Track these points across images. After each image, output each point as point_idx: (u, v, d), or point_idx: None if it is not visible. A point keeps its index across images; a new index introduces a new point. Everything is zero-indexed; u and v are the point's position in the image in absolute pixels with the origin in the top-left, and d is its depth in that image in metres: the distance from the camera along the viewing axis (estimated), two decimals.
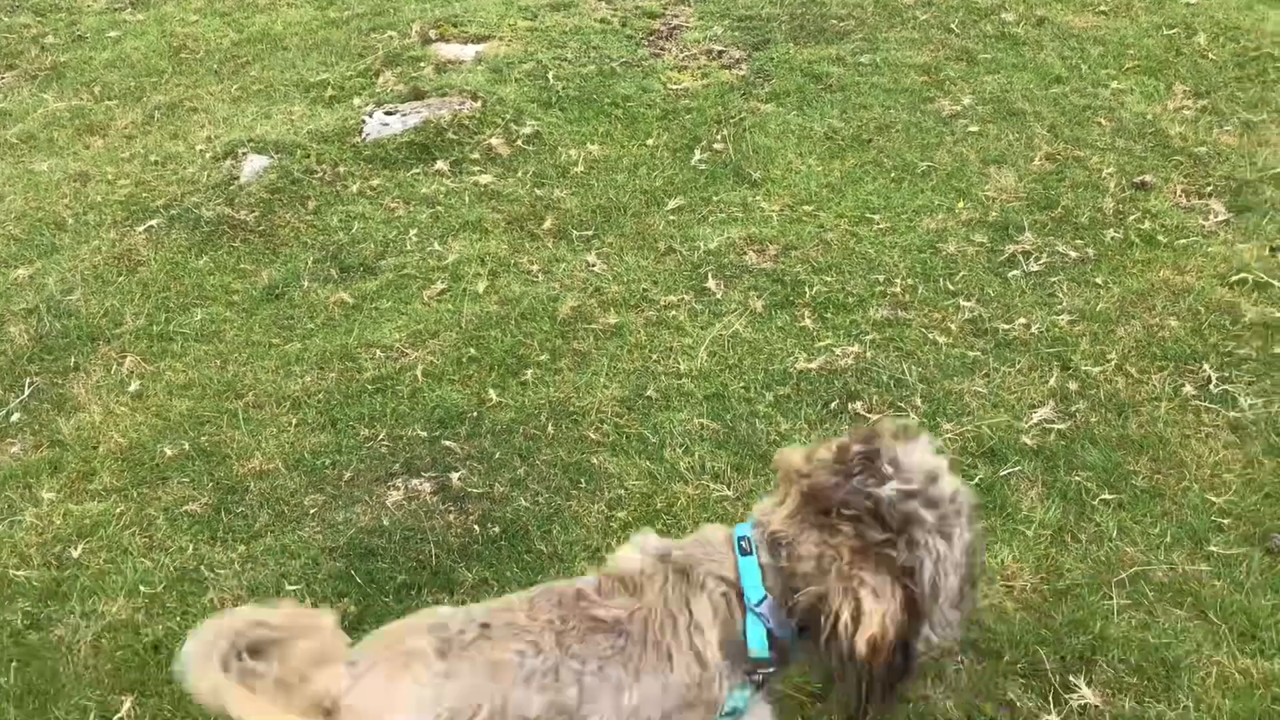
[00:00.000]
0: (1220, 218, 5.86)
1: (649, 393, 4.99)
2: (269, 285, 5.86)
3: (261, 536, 4.35)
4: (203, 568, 4.19)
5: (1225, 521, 4.15)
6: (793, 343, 5.27)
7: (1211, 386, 4.79)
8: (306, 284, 5.85)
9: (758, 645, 2.60)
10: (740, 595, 2.63)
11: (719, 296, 5.60)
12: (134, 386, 5.19)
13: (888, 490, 2.44)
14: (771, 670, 2.65)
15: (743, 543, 2.68)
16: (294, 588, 4.07)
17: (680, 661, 2.60)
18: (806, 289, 5.59)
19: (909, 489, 2.45)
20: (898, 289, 5.56)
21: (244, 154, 6.85)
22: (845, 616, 2.41)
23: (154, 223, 6.40)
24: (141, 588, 4.11)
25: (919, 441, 2.58)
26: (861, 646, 2.40)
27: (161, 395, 5.12)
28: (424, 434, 4.82)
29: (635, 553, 2.79)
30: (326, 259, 6.03)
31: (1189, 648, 3.69)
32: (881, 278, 5.65)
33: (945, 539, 2.47)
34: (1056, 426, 4.63)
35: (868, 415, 4.77)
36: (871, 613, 2.41)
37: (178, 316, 5.68)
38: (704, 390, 4.99)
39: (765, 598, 2.60)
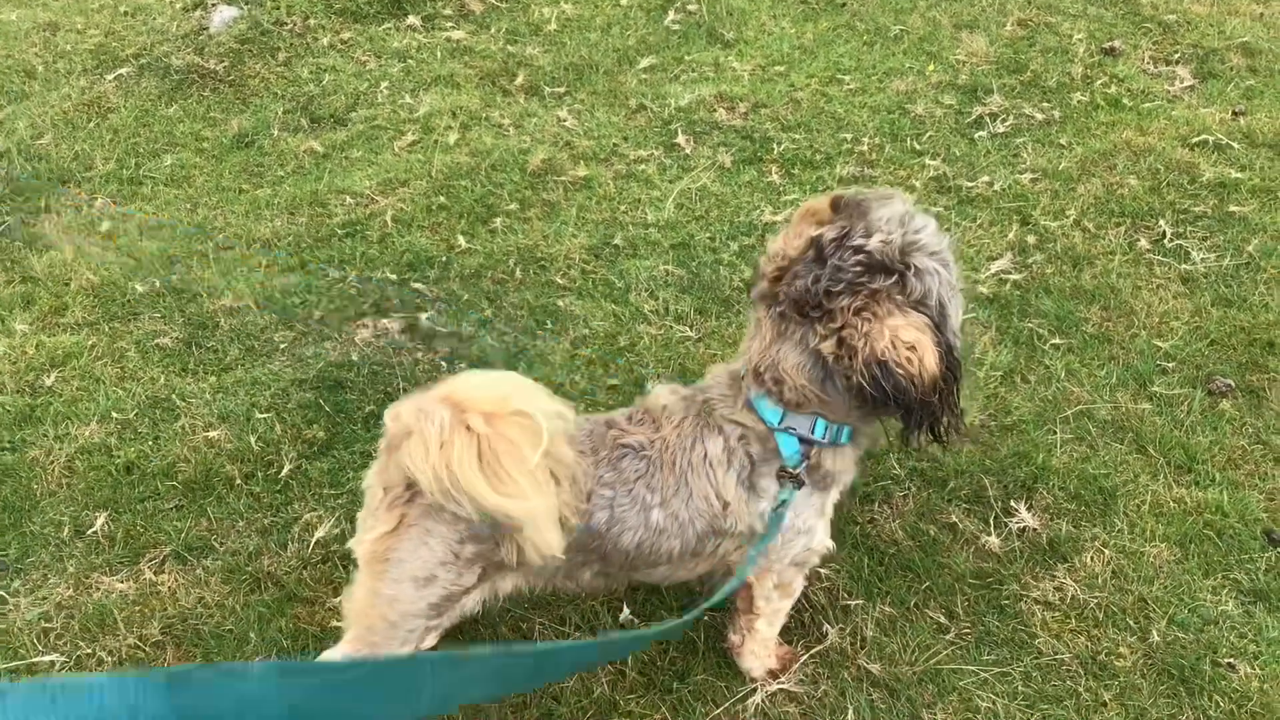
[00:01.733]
0: (1185, 83, 5.92)
1: (616, 241, 5.05)
2: (239, 133, 5.86)
3: (232, 369, 4.43)
4: (174, 396, 4.27)
5: (1170, 365, 4.28)
6: (759, 197, 5.33)
7: (1166, 241, 4.90)
8: (276, 133, 5.85)
9: (790, 453, 2.74)
10: (757, 434, 2.77)
11: (688, 152, 5.64)
12: (105, 226, 5.22)
13: (875, 243, 2.50)
14: (807, 465, 2.76)
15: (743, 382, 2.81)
16: (264, 416, 4.17)
17: (699, 491, 2.77)
18: (775, 146, 5.64)
19: (894, 234, 2.52)
20: (865, 148, 5.62)
21: (213, 5, 6.79)
22: (896, 354, 2.48)
23: (124, 71, 6.37)
24: (114, 414, 4.20)
25: (888, 197, 2.63)
26: (920, 372, 2.49)
27: (132, 235, 5.15)
28: (393, 277, 4.88)
29: (666, 392, 2.94)
30: (297, 109, 6.03)
31: (1127, 478, 3.84)
32: (849, 136, 5.70)
33: (941, 263, 2.57)
34: (1013, 277, 4.74)
35: None
36: (916, 342, 2.49)
37: (147, 162, 5.68)
38: (670, 239, 5.06)
39: (784, 414, 2.73)
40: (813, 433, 2.72)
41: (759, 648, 3.21)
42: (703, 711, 3.17)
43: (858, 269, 2.50)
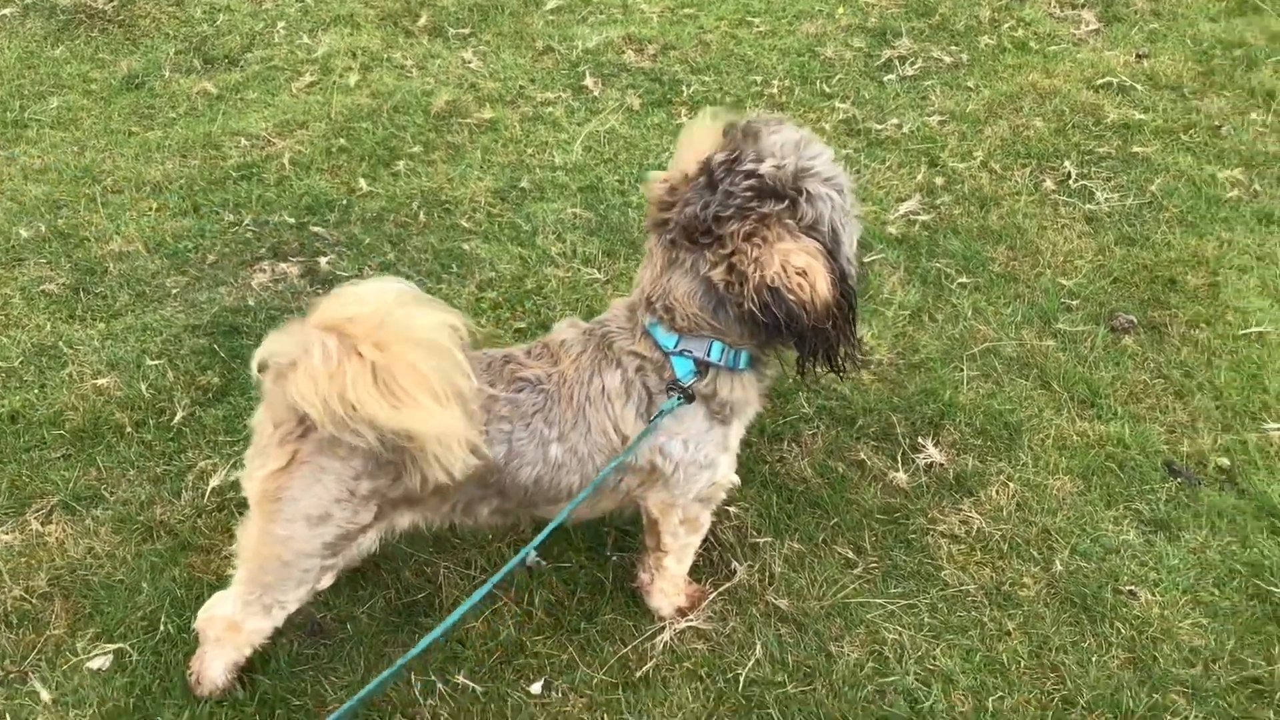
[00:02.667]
0: (1090, 27, 5.95)
1: (523, 184, 4.95)
2: (128, 75, 5.64)
3: (122, 315, 4.26)
4: (61, 344, 4.10)
5: (1074, 303, 4.31)
6: (668, 139, 5.26)
7: (1071, 182, 4.93)
8: (168, 74, 5.63)
9: (684, 371, 2.67)
10: (654, 363, 2.71)
11: (596, 94, 5.54)
12: None
13: (767, 168, 2.45)
14: (701, 387, 2.69)
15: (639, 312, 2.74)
16: (155, 362, 4.02)
17: (597, 425, 2.70)
18: (684, 88, 5.56)
19: (787, 159, 2.47)
20: (775, 90, 5.57)
21: None
22: (787, 280, 2.44)
23: (7, 11, 6.09)
24: None
25: (781, 124, 2.58)
26: (812, 298, 2.45)
27: (16, 179, 4.93)
28: (291, 220, 4.73)
29: (566, 326, 2.87)
30: (189, 50, 5.81)
31: (1031, 413, 3.86)
32: (759, 79, 5.64)
33: (835, 189, 2.53)
34: (921, 218, 4.73)
35: None
36: (807, 267, 2.45)
37: (32, 104, 5.44)
38: (578, 182, 4.97)
39: (679, 339, 2.67)
40: (709, 355, 2.67)
41: (668, 585, 3.17)
42: (610, 650, 3.13)
43: (748, 194, 2.45)
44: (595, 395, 2.70)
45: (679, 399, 2.66)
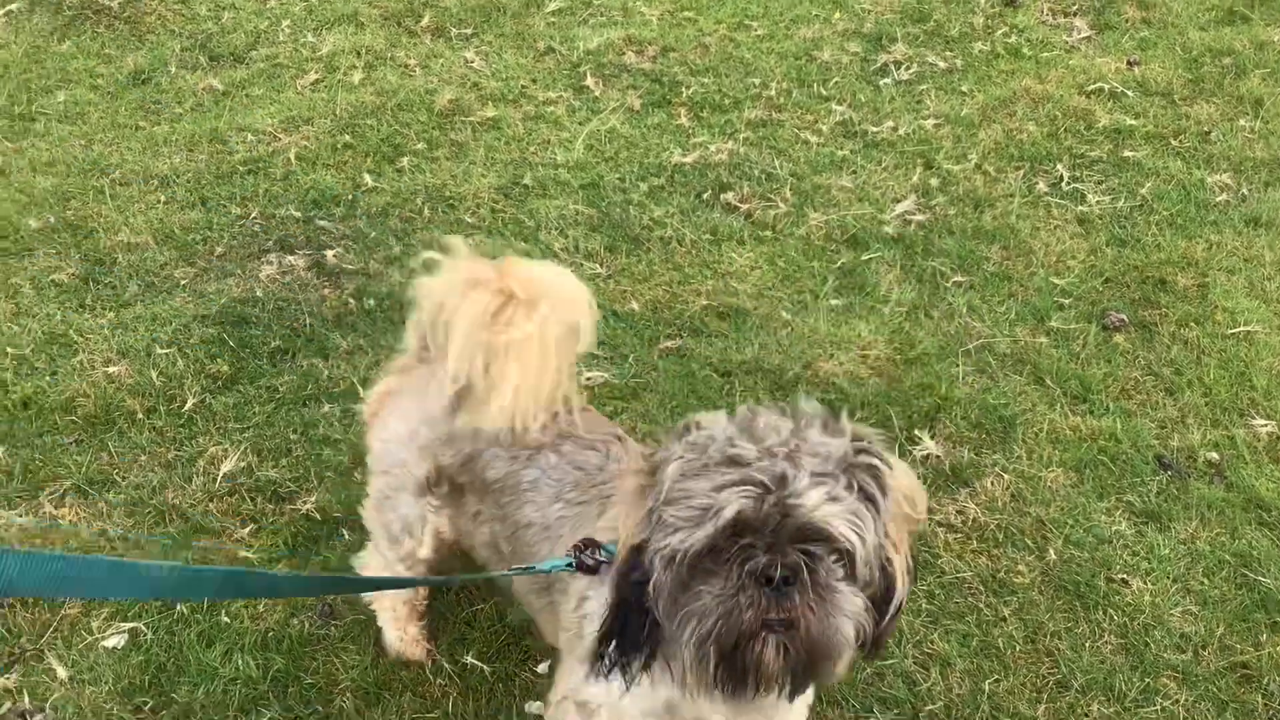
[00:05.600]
0: (1082, 34, 6.06)
1: (526, 181, 5.03)
2: (134, 71, 5.69)
3: (131, 305, 4.32)
4: (71, 332, 4.16)
5: (1067, 301, 4.41)
6: (668, 139, 5.34)
7: (1063, 184, 5.03)
8: (174, 70, 5.69)
9: None
10: None
11: (597, 94, 5.62)
12: None
13: None
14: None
15: None
16: (165, 351, 4.08)
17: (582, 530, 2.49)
18: (683, 89, 5.65)
19: None
20: (773, 92, 5.65)
21: None
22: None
23: (14, 7, 6.13)
24: (9, 349, 4.07)
25: None
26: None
27: (25, 171, 4.99)
28: (298, 214, 4.80)
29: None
30: (195, 47, 5.87)
31: (1025, 407, 3.96)
32: (757, 81, 5.73)
33: None
34: (916, 218, 4.82)
35: (739, 205, 4.89)
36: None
37: (40, 98, 5.49)
38: (580, 180, 5.05)
39: None
40: None
41: None
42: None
43: None
44: (606, 508, 2.47)
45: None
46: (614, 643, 2.10)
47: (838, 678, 1.99)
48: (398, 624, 3.11)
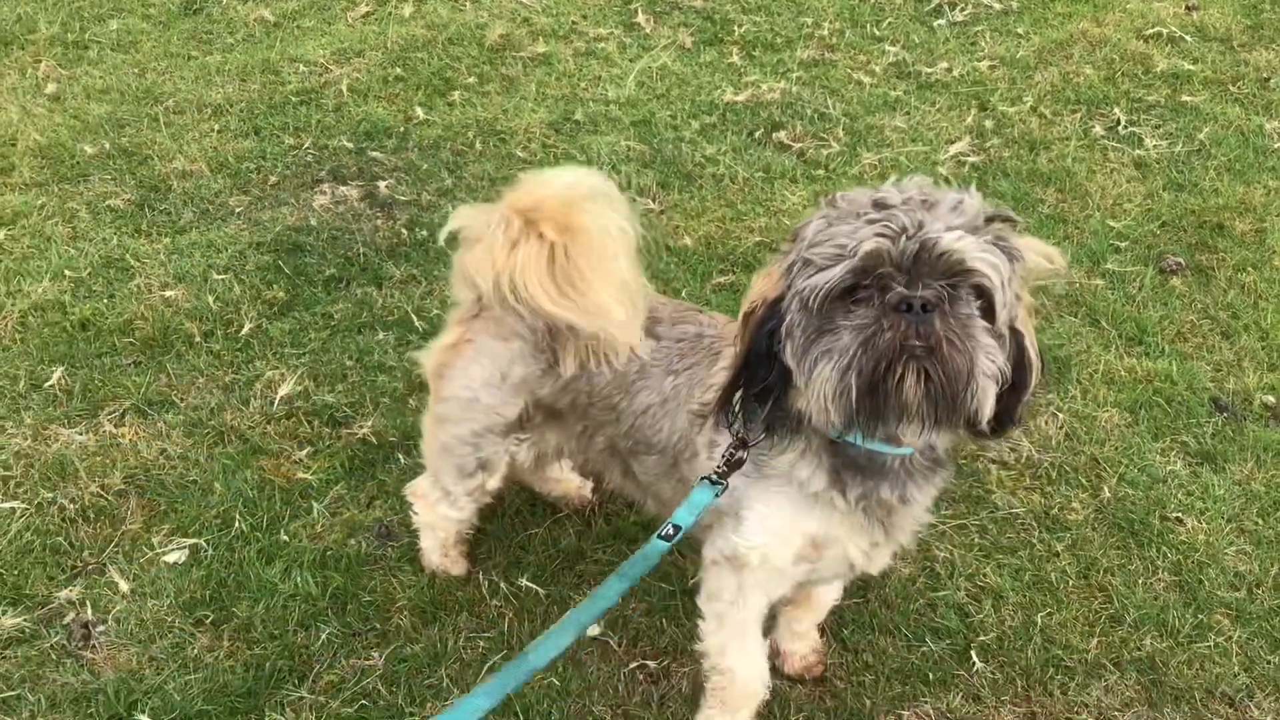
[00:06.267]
0: None
1: (577, 117, 5.01)
2: (186, 1, 5.70)
3: (186, 231, 4.35)
4: (128, 256, 4.20)
5: (1123, 244, 4.37)
6: (720, 77, 5.31)
7: (1120, 128, 4.97)
8: (225, 1, 5.70)
9: None
10: None
11: (648, 31, 5.59)
12: (51, 89, 5.08)
13: None
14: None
15: None
16: (221, 277, 4.11)
17: (698, 386, 2.55)
18: (735, 28, 5.61)
19: None
20: (825, 32, 5.60)
21: None
22: None
23: None
24: (66, 272, 4.12)
25: None
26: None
27: (79, 98, 5.02)
28: (350, 145, 4.81)
29: None
30: None
31: (1080, 348, 3.93)
32: (810, 21, 5.68)
33: None
34: (971, 159, 4.78)
35: (791, 144, 4.87)
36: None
37: (93, 26, 5.51)
38: (631, 117, 5.03)
39: None
40: None
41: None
42: (669, 559, 3.22)
43: None
44: (716, 359, 2.54)
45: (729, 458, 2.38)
46: (739, 393, 2.20)
47: (980, 420, 1.99)
48: (443, 547, 3.15)
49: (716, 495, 2.34)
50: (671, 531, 2.29)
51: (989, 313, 1.96)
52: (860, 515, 2.34)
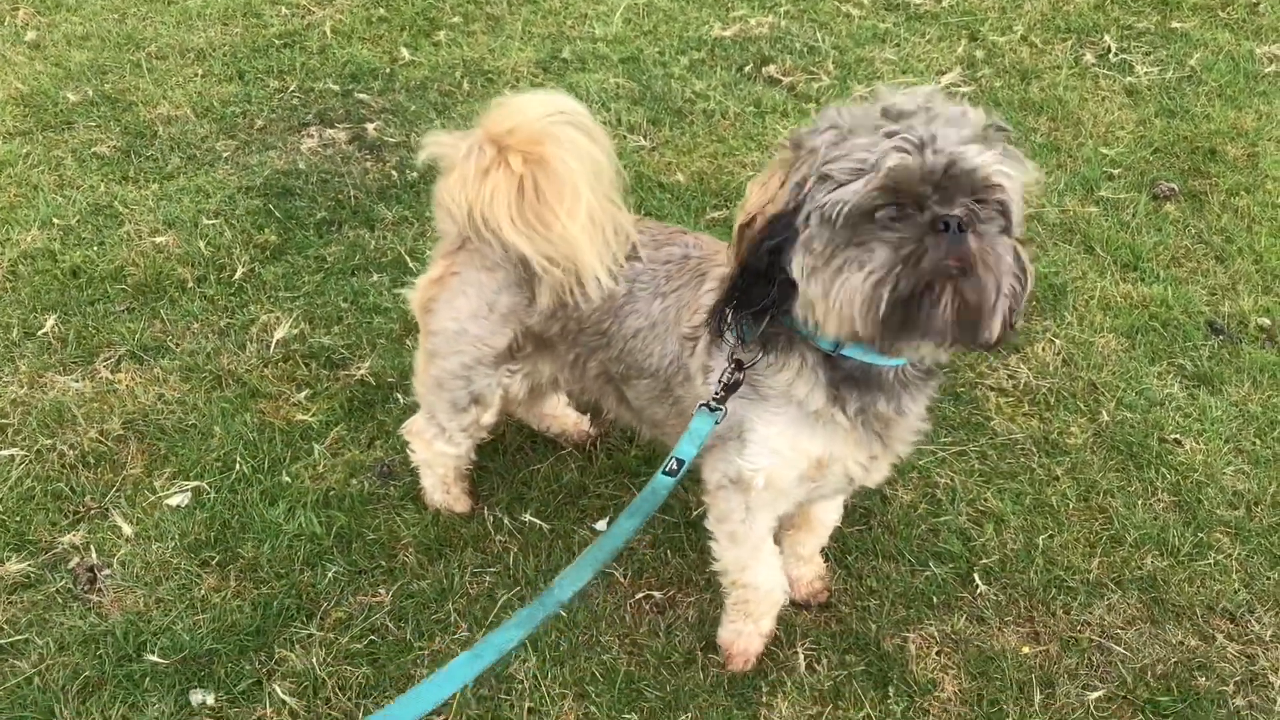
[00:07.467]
0: None
1: (564, 55, 4.97)
2: None
3: (174, 177, 4.31)
4: (116, 203, 4.15)
5: (1116, 171, 4.37)
6: (707, 12, 5.26)
7: (1111, 56, 4.95)
8: None
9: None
10: None
11: None
12: (30, 36, 5.00)
13: None
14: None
15: None
16: (212, 221, 4.08)
17: (686, 309, 2.54)
18: None
19: None
20: None
21: None
22: None
23: None
24: (55, 220, 4.07)
25: None
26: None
27: (60, 45, 4.95)
28: (336, 88, 4.76)
29: None
30: None
31: (1075, 275, 3.94)
32: None
33: None
34: (962, 89, 4.76)
35: (781, 79, 4.83)
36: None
37: None
38: (619, 54, 4.98)
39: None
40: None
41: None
42: (672, 493, 3.23)
43: None
44: (703, 281, 2.51)
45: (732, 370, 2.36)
46: (732, 305, 2.19)
47: (991, 337, 2.01)
48: (444, 485, 3.15)
49: (716, 422, 2.34)
50: (675, 466, 2.29)
51: (1006, 228, 1.97)
52: (860, 430, 2.35)
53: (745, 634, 2.80)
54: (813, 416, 2.33)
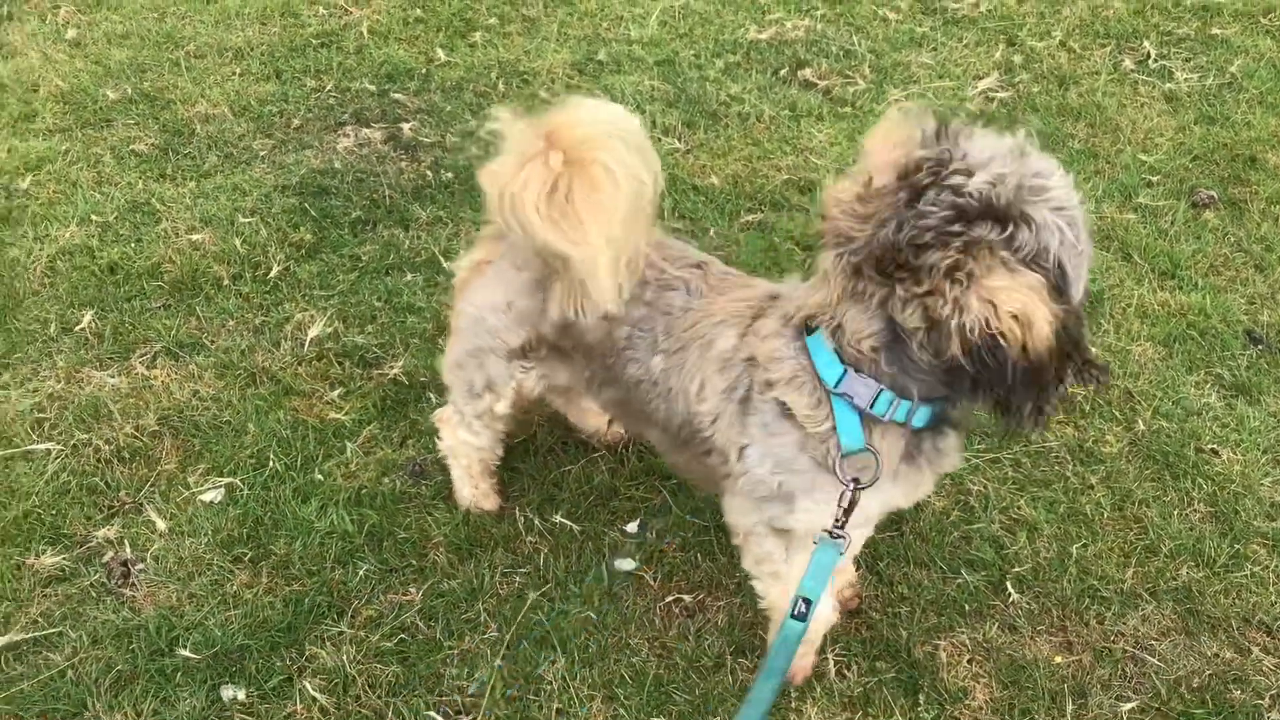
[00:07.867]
0: None
1: (600, 57, 4.97)
2: None
3: (211, 175, 4.34)
4: (154, 200, 4.19)
5: (1154, 179, 4.33)
6: (743, 15, 5.26)
7: (1150, 62, 4.91)
8: None
9: (850, 435, 2.21)
10: (787, 375, 2.28)
11: None
12: (71, 34, 5.05)
13: (979, 183, 1.91)
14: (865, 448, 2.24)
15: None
16: (248, 220, 4.10)
17: (691, 372, 2.47)
18: None
19: (1004, 174, 1.92)
20: None
21: None
22: (1000, 325, 1.91)
23: None
24: (93, 217, 4.11)
25: (979, 131, 2.05)
26: (1029, 346, 1.91)
27: (100, 43, 4.99)
28: (372, 87, 4.78)
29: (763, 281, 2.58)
30: None
31: (1113, 282, 3.90)
32: None
33: (1066, 220, 1.96)
34: (1000, 95, 4.73)
35: (817, 82, 4.82)
36: (1025, 308, 1.90)
37: None
38: (655, 56, 4.98)
39: (844, 373, 2.18)
40: (872, 406, 2.17)
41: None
42: (703, 496, 3.23)
43: (950, 214, 1.91)
44: (707, 350, 2.44)
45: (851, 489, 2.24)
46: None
47: None
48: (471, 479, 3.16)
49: (841, 552, 2.24)
50: (804, 609, 2.20)
51: None
52: (916, 473, 2.31)
53: (802, 655, 2.79)
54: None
